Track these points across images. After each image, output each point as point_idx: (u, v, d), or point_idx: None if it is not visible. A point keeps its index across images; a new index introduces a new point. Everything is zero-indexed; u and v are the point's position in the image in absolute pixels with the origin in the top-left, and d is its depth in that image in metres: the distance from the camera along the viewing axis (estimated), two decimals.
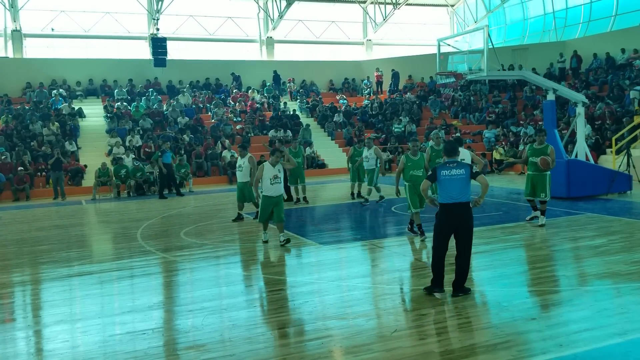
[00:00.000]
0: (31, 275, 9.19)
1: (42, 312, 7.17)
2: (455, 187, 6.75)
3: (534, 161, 11.13)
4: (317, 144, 26.96)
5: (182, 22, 32.77)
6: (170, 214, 15.05)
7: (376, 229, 12.50)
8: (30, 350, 5.87)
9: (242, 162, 13.01)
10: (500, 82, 29.84)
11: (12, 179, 20.33)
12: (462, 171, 6.80)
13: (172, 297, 7.55)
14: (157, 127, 26.02)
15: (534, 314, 6.19)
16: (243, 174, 12.97)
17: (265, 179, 10.07)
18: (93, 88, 29.45)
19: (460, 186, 6.75)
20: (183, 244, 10.86)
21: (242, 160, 13.05)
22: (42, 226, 14.13)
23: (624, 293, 6.82)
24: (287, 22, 34.37)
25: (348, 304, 6.83)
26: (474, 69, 15.58)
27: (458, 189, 6.75)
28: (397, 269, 8.48)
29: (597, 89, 25.75)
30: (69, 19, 30.77)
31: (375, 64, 34.06)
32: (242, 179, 13.03)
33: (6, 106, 25.86)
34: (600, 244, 9.34)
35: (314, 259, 9.18)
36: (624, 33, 27.17)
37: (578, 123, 16.10)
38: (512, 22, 35.95)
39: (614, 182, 14.93)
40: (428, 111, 29.85)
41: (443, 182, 6.83)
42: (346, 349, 5.46)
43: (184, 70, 30.90)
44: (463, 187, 6.75)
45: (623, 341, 5.34)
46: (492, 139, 25.22)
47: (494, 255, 8.98)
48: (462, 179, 6.76)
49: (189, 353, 5.50)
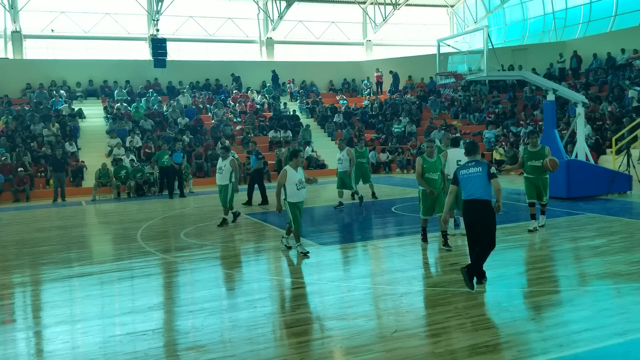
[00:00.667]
0: (31, 276, 9.19)
1: (42, 313, 7.17)
2: (474, 185, 7.06)
3: (534, 165, 10.66)
4: (317, 145, 26.98)
5: (182, 22, 32.79)
6: (170, 214, 15.05)
7: (376, 229, 12.50)
8: (31, 351, 5.87)
9: (223, 164, 12.57)
10: (500, 83, 29.83)
11: (12, 180, 20.34)
12: (480, 169, 7.09)
13: (172, 298, 7.55)
14: (157, 128, 26.03)
15: (534, 314, 6.19)
16: (223, 176, 12.55)
17: (290, 184, 9.29)
18: (93, 89, 29.47)
19: (477, 184, 7.02)
20: (183, 245, 10.87)
21: (223, 163, 12.62)
22: (42, 227, 14.13)
23: (624, 293, 6.82)
24: (286, 23, 34.39)
25: (348, 304, 6.83)
26: (473, 69, 15.58)
27: (476, 186, 7.04)
28: (397, 270, 8.48)
29: (597, 89, 25.75)
30: (69, 20, 30.79)
31: (375, 64, 34.07)
32: (222, 182, 12.59)
33: (6, 107, 25.89)
34: (601, 244, 9.34)
35: (314, 260, 9.18)
36: (624, 33, 27.16)
37: (578, 123, 16.10)
38: (511, 23, 35.96)
39: (614, 182, 14.93)
40: (428, 112, 29.85)
41: (462, 181, 7.21)
42: (346, 349, 5.46)
43: (184, 71, 30.91)
44: (481, 184, 7.01)
45: (623, 341, 5.33)
46: (492, 140, 25.21)
47: (494, 256, 8.91)
48: (480, 176, 7.04)
49: (189, 354, 5.49)
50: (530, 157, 10.76)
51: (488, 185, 7.02)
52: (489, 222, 7.01)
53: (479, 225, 7.03)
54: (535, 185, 10.75)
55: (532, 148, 10.82)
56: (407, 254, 9.41)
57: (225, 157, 12.64)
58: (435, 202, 9.55)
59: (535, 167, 10.68)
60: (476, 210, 7.00)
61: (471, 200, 7.04)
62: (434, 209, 9.56)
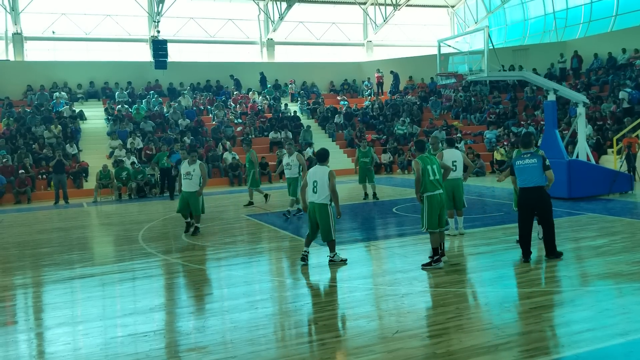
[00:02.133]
0: (33, 277, 9.19)
1: (43, 315, 7.17)
2: (529, 174, 8.15)
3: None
4: (318, 146, 26.89)
5: (183, 24, 32.80)
6: (171, 216, 15.05)
7: (377, 230, 12.50)
8: (32, 353, 5.88)
9: (192, 169, 11.52)
10: (500, 83, 29.83)
11: (13, 182, 20.35)
12: (535, 160, 8.18)
13: (174, 299, 7.56)
14: (158, 129, 26.04)
15: (535, 314, 6.18)
16: (192, 182, 11.49)
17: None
18: (94, 90, 29.49)
19: (533, 173, 8.15)
20: (184, 246, 10.87)
21: (191, 167, 11.54)
22: (44, 229, 14.14)
23: (626, 293, 6.81)
24: (287, 24, 34.39)
25: (349, 305, 6.83)
26: (474, 69, 15.58)
27: (530, 175, 8.14)
28: (398, 270, 8.47)
29: (598, 89, 25.74)
30: (70, 21, 30.80)
31: (375, 65, 34.06)
32: (189, 188, 11.51)
33: (7, 109, 25.91)
34: (602, 244, 9.33)
35: (315, 261, 9.17)
36: (624, 33, 27.15)
37: (579, 123, 16.10)
38: (512, 23, 35.94)
39: (615, 182, 14.92)
40: (429, 112, 29.84)
41: (518, 170, 8.30)
42: (348, 350, 5.46)
43: (185, 72, 30.93)
44: (535, 174, 8.13)
45: (625, 341, 5.33)
46: (493, 140, 25.20)
47: (495, 256, 8.98)
48: (535, 167, 8.15)
49: (190, 355, 5.50)
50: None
51: (542, 174, 8.12)
52: (547, 205, 8.21)
53: (539, 208, 8.19)
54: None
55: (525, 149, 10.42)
56: (408, 255, 9.40)
57: (193, 162, 11.62)
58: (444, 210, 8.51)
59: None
60: (537, 195, 8.13)
61: (528, 187, 8.15)
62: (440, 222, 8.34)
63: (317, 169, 8.70)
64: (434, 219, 8.20)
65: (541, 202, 8.17)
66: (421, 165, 8.24)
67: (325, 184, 8.49)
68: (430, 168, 8.26)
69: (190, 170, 11.48)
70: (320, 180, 8.52)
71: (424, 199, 8.25)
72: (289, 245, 10.71)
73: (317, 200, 8.55)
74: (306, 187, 8.77)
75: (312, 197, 8.61)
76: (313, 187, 8.59)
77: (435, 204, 8.21)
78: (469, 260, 8.98)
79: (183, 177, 11.57)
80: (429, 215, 8.20)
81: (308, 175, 8.80)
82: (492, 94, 29.56)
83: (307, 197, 8.76)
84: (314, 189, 8.58)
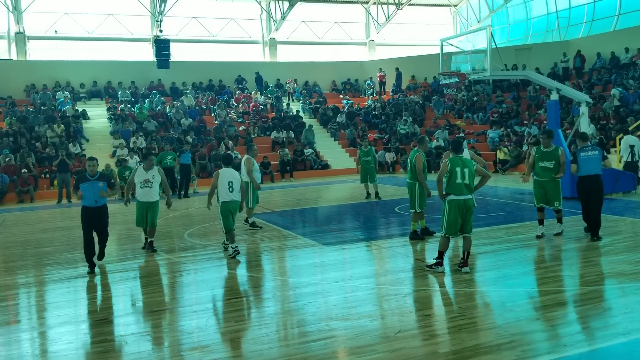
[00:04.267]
0: (36, 276, 9.22)
1: (46, 314, 7.19)
2: (592, 164, 9.50)
3: (545, 166, 9.90)
4: (320, 145, 26.98)
5: (185, 23, 32.83)
6: (174, 215, 15.06)
7: (379, 229, 12.49)
8: (35, 352, 5.89)
9: (151, 175, 10.05)
10: (503, 82, 29.77)
11: (16, 181, 20.40)
12: (597, 152, 9.63)
13: (176, 298, 7.56)
14: (161, 129, 26.07)
15: (538, 314, 6.18)
16: (152, 190, 10.06)
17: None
18: (97, 90, 29.54)
19: (595, 164, 9.52)
20: (187, 245, 10.88)
21: (149, 174, 10.06)
22: (47, 228, 14.16)
23: (628, 293, 6.80)
24: (289, 23, 34.39)
25: (352, 304, 6.83)
26: (477, 68, 15.55)
27: (593, 165, 9.50)
28: (400, 270, 8.47)
29: (600, 89, 25.68)
30: (72, 21, 30.85)
31: (378, 64, 34.05)
32: (148, 198, 10.06)
33: (10, 108, 25.96)
34: (605, 244, 9.31)
35: (318, 260, 9.17)
36: (627, 32, 27.09)
37: (582, 122, 16.05)
38: (515, 22, 35.89)
39: (618, 181, 14.88)
40: (431, 111, 29.82)
41: (581, 161, 9.53)
42: (350, 349, 5.46)
43: (187, 71, 30.97)
44: (597, 164, 9.53)
45: (627, 341, 5.32)
46: (496, 139, 25.16)
47: (498, 256, 8.97)
48: (597, 158, 9.56)
49: (193, 354, 5.50)
50: (543, 157, 9.96)
51: (600, 164, 9.60)
52: (602, 191, 9.67)
53: (595, 191, 9.52)
54: (544, 188, 9.97)
55: (545, 148, 10.00)
56: (411, 254, 9.40)
57: (150, 167, 10.16)
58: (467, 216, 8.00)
59: (545, 169, 9.92)
60: (596, 183, 9.49)
61: (589, 175, 9.48)
62: (464, 227, 7.97)
63: (227, 171, 9.56)
64: (452, 224, 7.86)
65: (597, 189, 9.53)
66: (449, 167, 7.83)
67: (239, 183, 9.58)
68: (460, 171, 7.80)
69: (149, 177, 10.06)
70: (236, 180, 9.50)
71: (446, 202, 7.91)
72: (291, 244, 10.71)
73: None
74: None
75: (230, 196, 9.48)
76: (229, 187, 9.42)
77: (455, 209, 7.82)
78: (472, 260, 8.96)
79: (141, 186, 10.09)
80: (448, 219, 7.88)
81: (222, 177, 9.48)
82: (494, 93, 29.51)
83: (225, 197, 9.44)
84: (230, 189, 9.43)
